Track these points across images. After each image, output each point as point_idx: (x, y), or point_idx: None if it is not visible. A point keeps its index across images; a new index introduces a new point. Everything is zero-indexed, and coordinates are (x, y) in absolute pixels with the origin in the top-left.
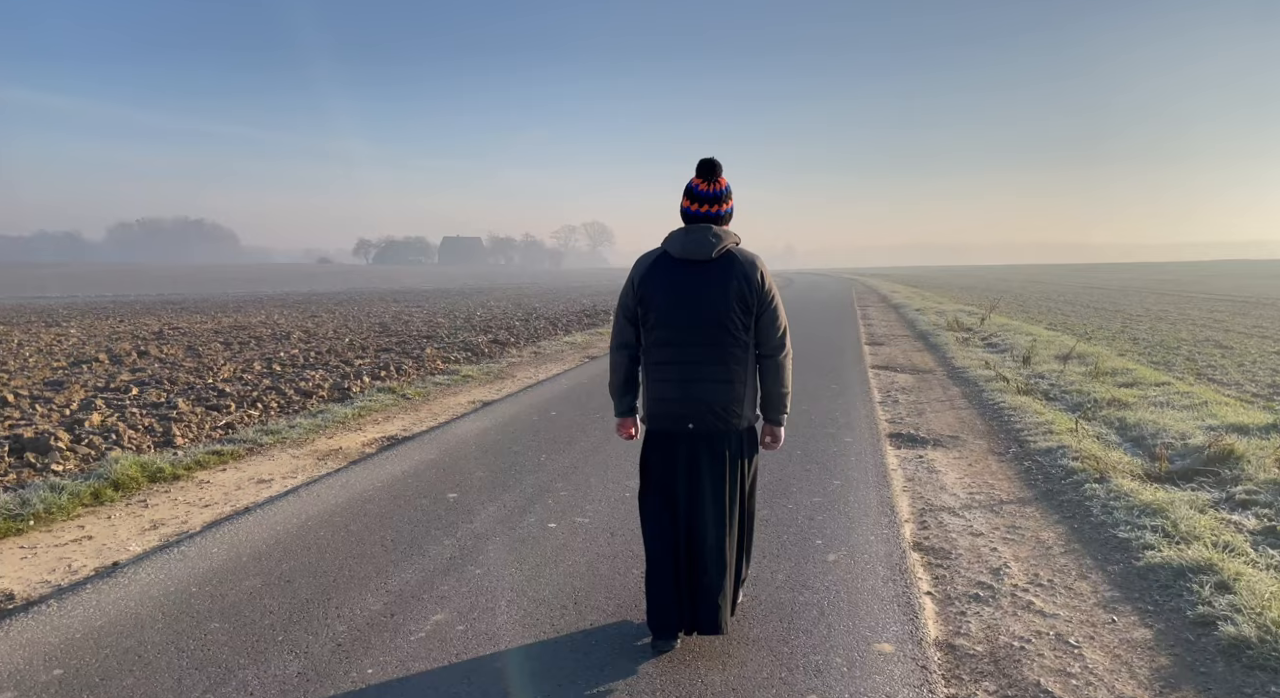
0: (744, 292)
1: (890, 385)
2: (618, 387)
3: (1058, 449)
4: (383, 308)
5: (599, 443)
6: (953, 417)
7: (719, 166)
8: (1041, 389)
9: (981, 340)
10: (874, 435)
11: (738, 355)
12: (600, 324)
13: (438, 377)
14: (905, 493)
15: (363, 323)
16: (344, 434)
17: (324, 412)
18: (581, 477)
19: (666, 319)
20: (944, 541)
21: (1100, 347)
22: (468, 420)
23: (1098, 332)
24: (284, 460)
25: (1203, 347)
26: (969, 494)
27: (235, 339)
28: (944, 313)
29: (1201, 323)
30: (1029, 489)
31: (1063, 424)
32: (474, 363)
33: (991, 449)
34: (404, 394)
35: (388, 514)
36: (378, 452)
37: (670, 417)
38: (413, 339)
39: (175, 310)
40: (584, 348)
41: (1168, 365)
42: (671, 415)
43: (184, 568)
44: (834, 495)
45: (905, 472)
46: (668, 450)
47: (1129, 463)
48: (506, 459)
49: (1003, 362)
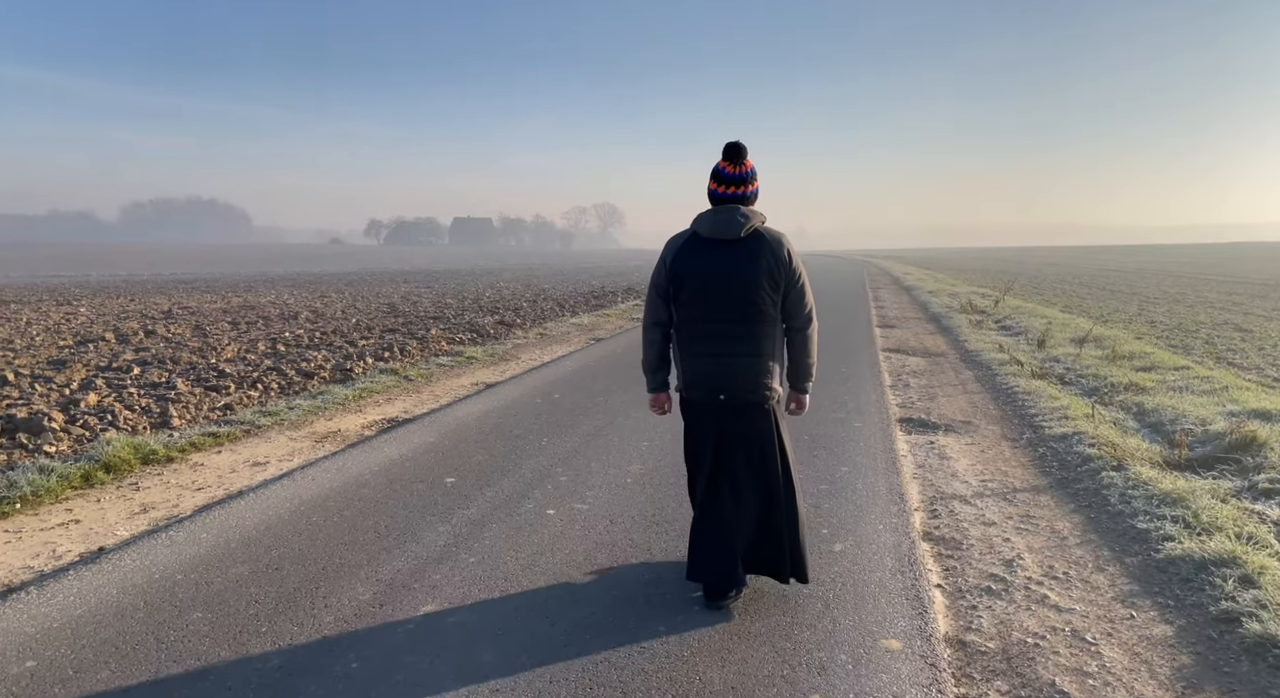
0: (772, 269)
1: (901, 369)
2: (651, 362)
3: (1073, 435)
4: (392, 288)
5: (601, 427)
6: (965, 401)
7: (744, 149)
8: (1056, 373)
9: (995, 323)
10: (884, 420)
11: (766, 330)
12: (607, 305)
13: (442, 358)
14: (915, 480)
15: (371, 303)
16: (343, 416)
17: (325, 393)
18: (582, 461)
19: (698, 296)
20: (955, 530)
21: (1117, 330)
22: (469, 403)
23: (1114, 314)
24: (281, 443)
25: (1222, 330)
26: (981, 482)
27: (243, 319)
28: (957, 295)
29: (1220, 305)
30: (1043, 477)
31: (1078, 409)
32: (479, 344)
33: (1005, 435)
34: (406, 376)
35: (383, 499)
36: (377, 434)
37: (703, 388)
38: (419, 320)
39: (186, 290)
40: (590, 330)
41: (1186, 349)
42: (705, 387)
43: (170, 554)
44: (841, 483)
45: (916, 458)
46: (702, 418)
47: (1147, 450)
48: (507, 443)
49: (1016, 345)
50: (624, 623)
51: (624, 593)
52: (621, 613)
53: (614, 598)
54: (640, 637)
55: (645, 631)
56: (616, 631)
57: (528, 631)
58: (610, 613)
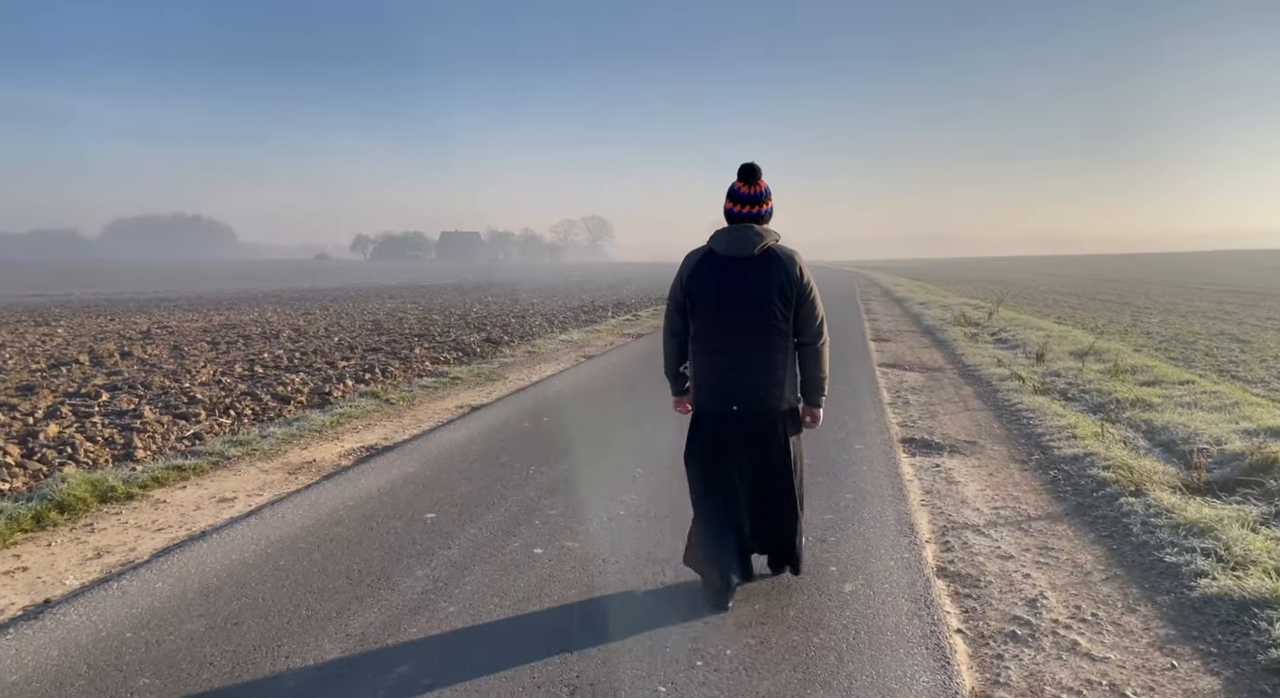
0: (784, 285)
1: (899, 385)
2: (672, 369)
3: (1084, 456)
4: (378, 305)
5: (593, 454)
6: (967, 419)
7: (759, 170)
8: (1059, 388)
9: (991, 336)
10: (886, 441)
11: (779, 344)
12: (597, 321)
13: (425, 379)
14: (924, 508)
15: (355, 320)
16: (320, 444)
17: (301, 419)
18: (572, 491)
19: (714, 311)
20: (971, 565)
21: (1115, 342)
22: (453, 428)
23: (1109, 325)
24: (251, 475)
25: (1219, 340)
26: (993, 509)
27: (223, 339)
28: (949, 307)
29: (1213, 315)
30: (1058, 503)
31: (1086, 427)
32: (465, 363)
33: (1012, 456)
34: (388, 399)
35: (357, 539)
36: (354, 465)
37: (717, 399)
38: (404, 338)
39: (168, 308)
40: (580, 346)
41: (1187, 362)
42: (718, 398)
43: (121, 607)
44: (847, 512)
45: (922, 483)
46: (715, 430)
47: (1164, 472)
48: (492, 472)
49: (1015, 359)
50: (620, 681)
51: (619, 648)
52: (617, 671)
53: (607, 655)
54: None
55: (643, 693)
56: (611, 689)
57: (511, 693)
58: (603, 667)
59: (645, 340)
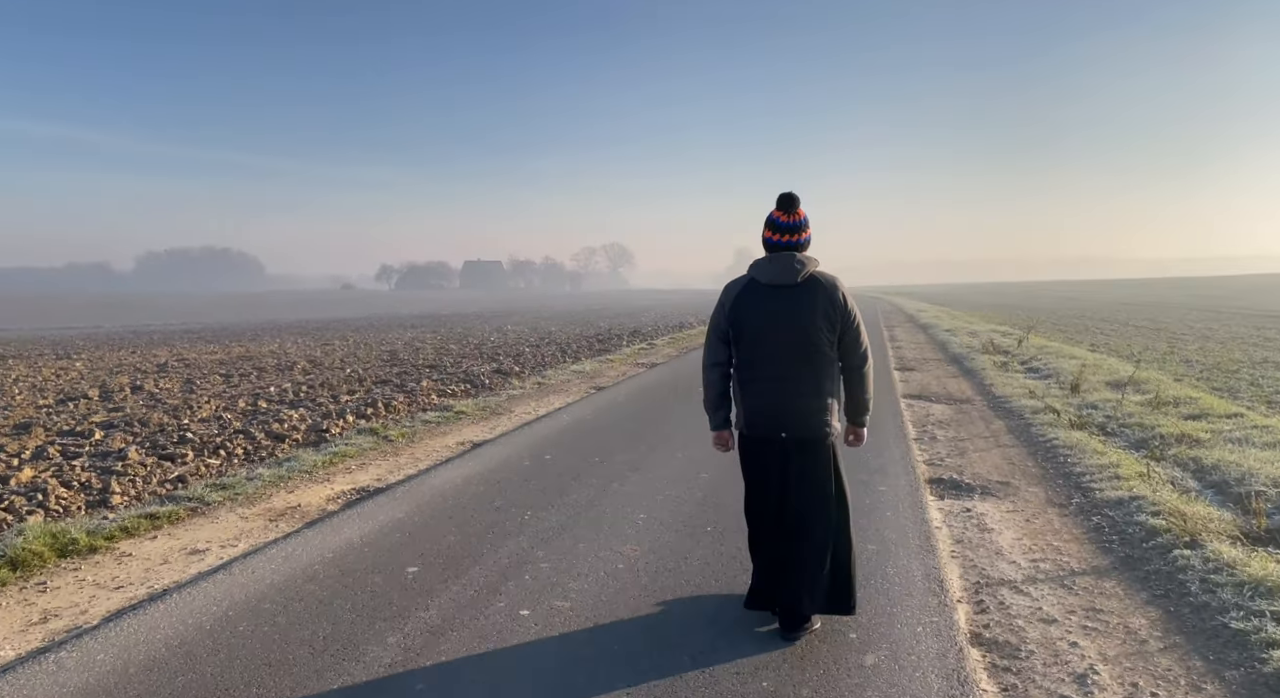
0: (829, 312)
1: (925, 418)
2: (713, 401)
3: (1130, 500)
4: (398, 334)
5: (594, 497)
6: (999, 457)
7: (797, 199)
8: (1097, 422)
9: (1021, 365)
10: (912, 482)
11: (825, 369)
12: (611, 350)
13: (429, 413)
14: (954, 560)
15: (372, 351)
16: (308, 487)
17: (292, 459)
18: (569, 542)
19: (760, 339)
20: (1009, 630)
21: (1153, 371)
22: (451, 467)
23: (1144, 353)
24: (229, 523)
25: (1264, 369)
26: (1031, 562)
27: (237, 371)
28: (976, 334)
29: (1253, 342)
30: (1104, 555)
31: (1129, 467)
32: (472, 396)
33: (1050, 499)
34: (386, 436)
35: (329, 599)
36: (341, 509)
37: (766, 425)
38: (416, 369)
39: (191, 340)
40: (591, 377)
41: (1232, 392)
42: (767, 424)
43: (53, 686)
44: (869, 566)
45: (951, 530)
46: (764, 455)
47: (1219, 519)
48: (485, 518)
49: (1048, 389)
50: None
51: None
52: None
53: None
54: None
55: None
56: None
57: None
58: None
59: (659, 371)
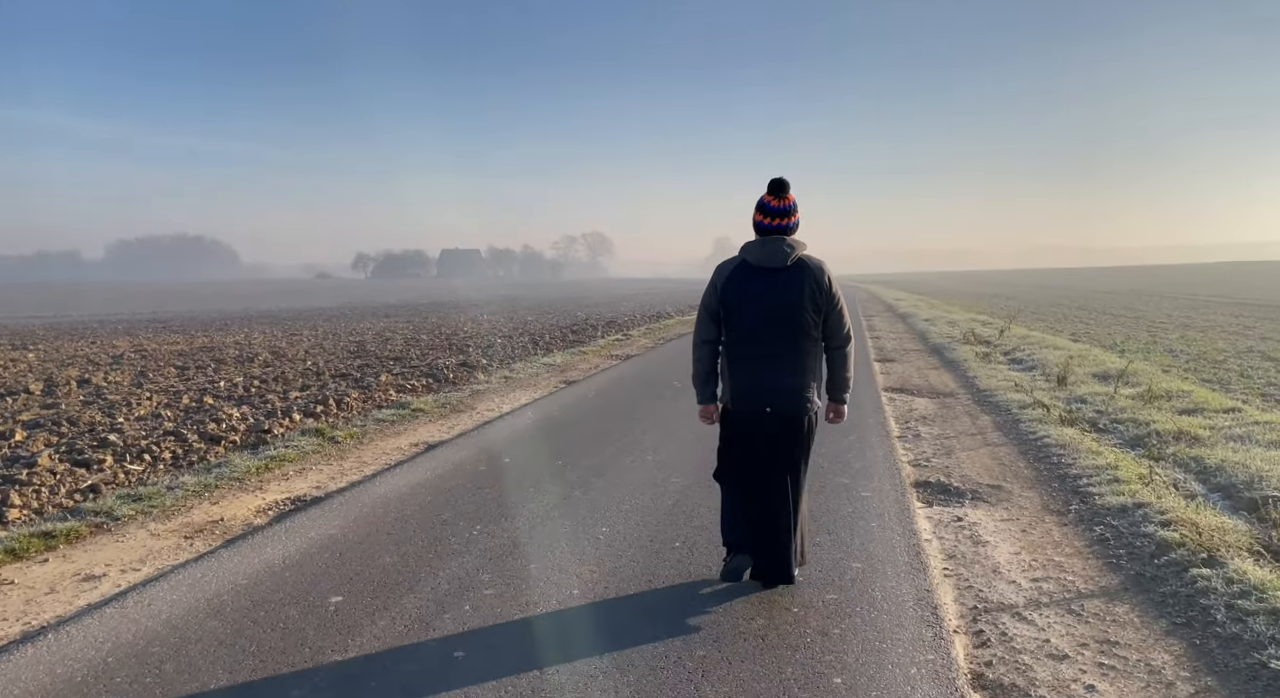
0: (815, 294)
1: (908, 414)
2: (701, 376)
3: (1134, 508)
4: (370, 324)
5: (552, 506)
6: (988, 457)
7: (787, 185)
8: (1088, 417)
9: (1004, 355)
10: (897, 486)
11: (809, 349)
12: (585, 342)
13: (385, 411)
14: (947, 580)
15: (340, 342)
16: (236, 497)
17: (223, 465)
18: (519, 562)
19: (748, 318)
20: (1014, 669)
21: (1139, 362)
22: (399, 473)
23: (1127, 342)
24: (136, 542)
25: (1249, 359)
26: (1033, 582)
27: (194, 363)
28: (956, 323)
29: (1233, 330)
30: (1112, 573)
31: (1129, 468)
32: (433, 391)
33: (1047, 506)
34: (333, 437)
35: (232, 639)
36: (268, 524)
37: (752, 400)
38: (381, 361)
39: (157, 329)
40: (562, 370)
41: (1223, 384)
42: (753, 399)
43: None
44: (854, 589)
45: (943, 544)
46: (747, 429)
47: (1235, 530)
48: (429, 534)
49: (1034, 382)
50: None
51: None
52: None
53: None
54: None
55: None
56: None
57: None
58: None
59: (633, 363)
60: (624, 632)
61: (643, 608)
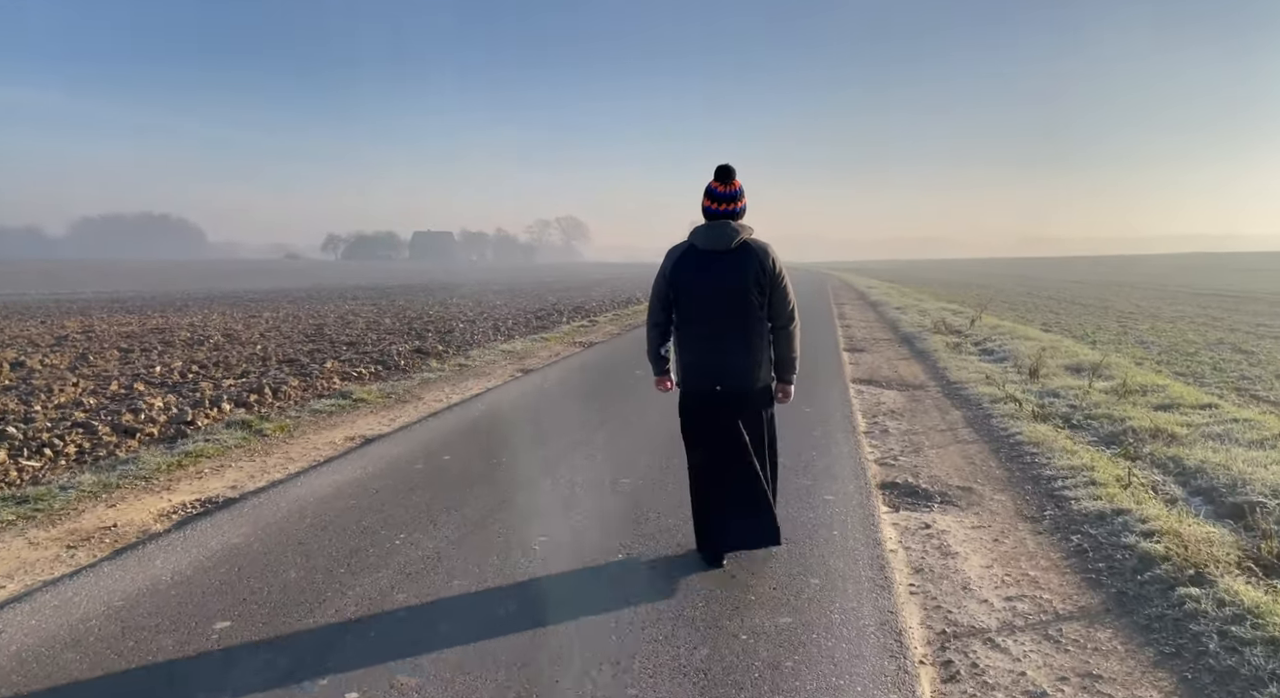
0: (759, 275)
1: (876, 407)
2: (653, 354)
3: (1113, 514)
4: (334, 307)
5: (489, 510)
6: (958, 455)
7: (733, 171)
8: (1060, 413)
9: (975, 346)
10: (862, 489)
11: (755, 328)
12: (550, 327)
13: (324, 401)
14: (914, 598)
15: (299, 325)
16: (138, 499)
17: (131, 461)
18: (442, 576)
19: (697, 300)
20: None
21: (1111, 353)
22: (325, 471)
23: (1097, 333)
24: (10, 552)
25: (1220, 351)
26: (1006, 601)
27: (140, 345)
28: (926, 312)
29: (1201, 321)
30: (1091, 591)
31: (1105, 469)
32: (381, 379)
33: (1020, 511)
34: (261, 430)
35: (87, 673)
36: (167, 531)
37: (702, 379)
38: (335, 346)
39: (113, 310)
40: (521, 358)
41: (1197, 378)
42: (704, 378)
43: None
44: (810, 611)
45: (910, 556)
46: (700, 407)
47: (1220, 541)
48: (345, 543)
49: (1005, 374)
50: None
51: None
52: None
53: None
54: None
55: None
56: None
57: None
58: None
59: (596, 350)
60: (550, 667)
61: (575, 636)
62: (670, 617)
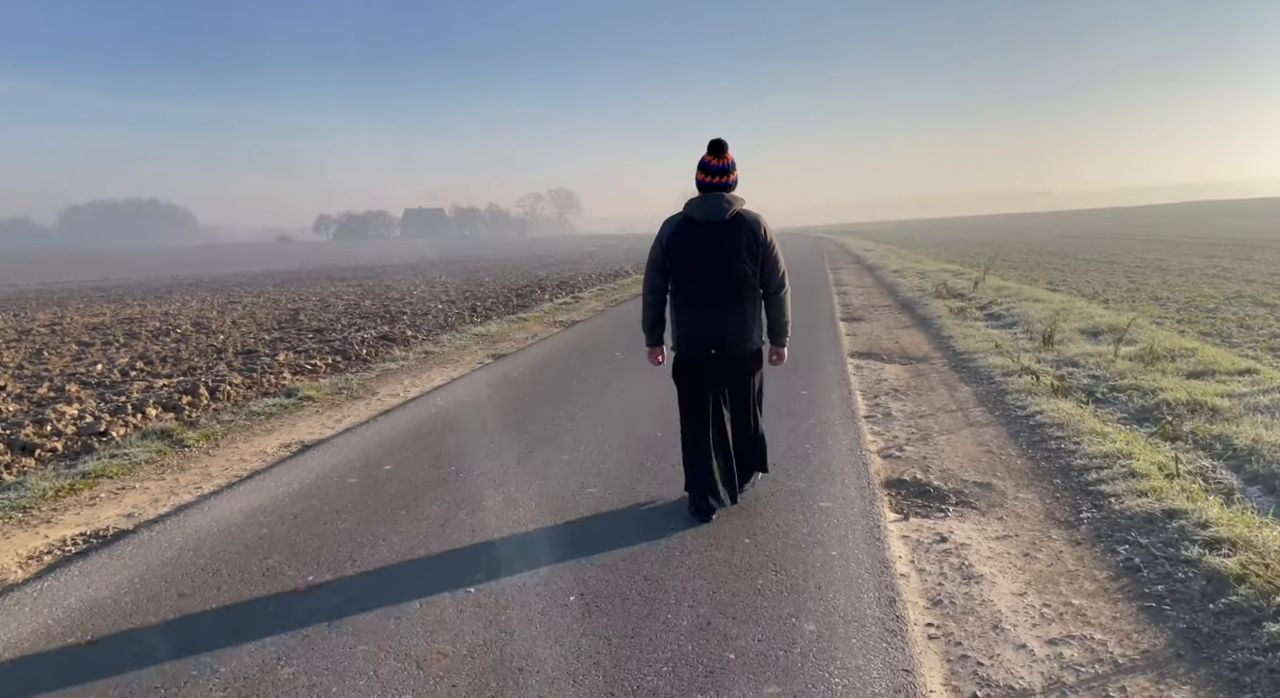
0: (751, 245)
1: (877, 386)
2: (649, 323)
3: (1164, 517)
4: (318, 289)
5: (426, 534)
6: (972, 442)
7: (726, 145)
8: (1082, 385)
9: (980, 310)
10: (865, 491)
11: (748, 295)
12: (530, 306)
13: (265, 400)
14: (933, 645)
15: (276, 310)
16: (8, 535)
17: (15, 486)
18: (346, 642)
19: (692, 269)
20: None
21: (1126, 312)
22: (242, 491)
23: (1108, 290)
24: None
25: (1242, 305)
26: (1049, 645)
27: (104, 337)
28: (926, 275)
29: (1213, 273)
30: (1155, 627)
31: (1145, 455)
32: (339, 371)
33: (1051, 514)
34: (182, 440)
35: None
36: (28, 580)
37: (697, 345)
38: (303, 334)
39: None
40: (494, 342)
41: (1225, 338)
42: (698, 343)
43: None
44: (802, 672)
45: (925, 582)
46: (696, 371)
47: None
48: (238, 591)
49: (1016, 341)
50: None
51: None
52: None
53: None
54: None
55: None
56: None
57: None
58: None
59: (576, 330)
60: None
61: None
62: (626, 692)
